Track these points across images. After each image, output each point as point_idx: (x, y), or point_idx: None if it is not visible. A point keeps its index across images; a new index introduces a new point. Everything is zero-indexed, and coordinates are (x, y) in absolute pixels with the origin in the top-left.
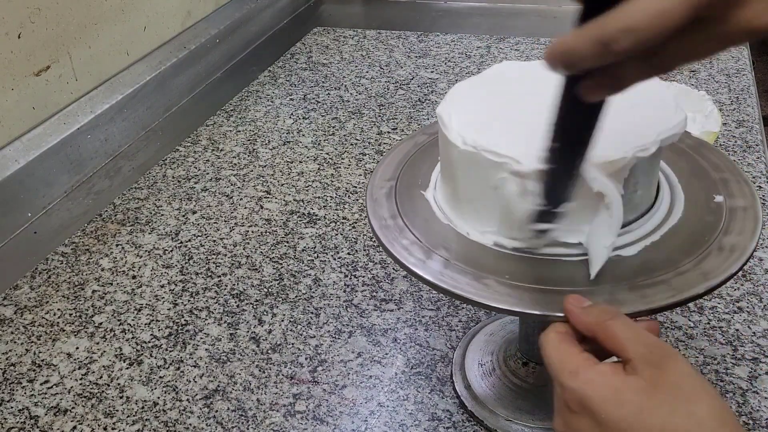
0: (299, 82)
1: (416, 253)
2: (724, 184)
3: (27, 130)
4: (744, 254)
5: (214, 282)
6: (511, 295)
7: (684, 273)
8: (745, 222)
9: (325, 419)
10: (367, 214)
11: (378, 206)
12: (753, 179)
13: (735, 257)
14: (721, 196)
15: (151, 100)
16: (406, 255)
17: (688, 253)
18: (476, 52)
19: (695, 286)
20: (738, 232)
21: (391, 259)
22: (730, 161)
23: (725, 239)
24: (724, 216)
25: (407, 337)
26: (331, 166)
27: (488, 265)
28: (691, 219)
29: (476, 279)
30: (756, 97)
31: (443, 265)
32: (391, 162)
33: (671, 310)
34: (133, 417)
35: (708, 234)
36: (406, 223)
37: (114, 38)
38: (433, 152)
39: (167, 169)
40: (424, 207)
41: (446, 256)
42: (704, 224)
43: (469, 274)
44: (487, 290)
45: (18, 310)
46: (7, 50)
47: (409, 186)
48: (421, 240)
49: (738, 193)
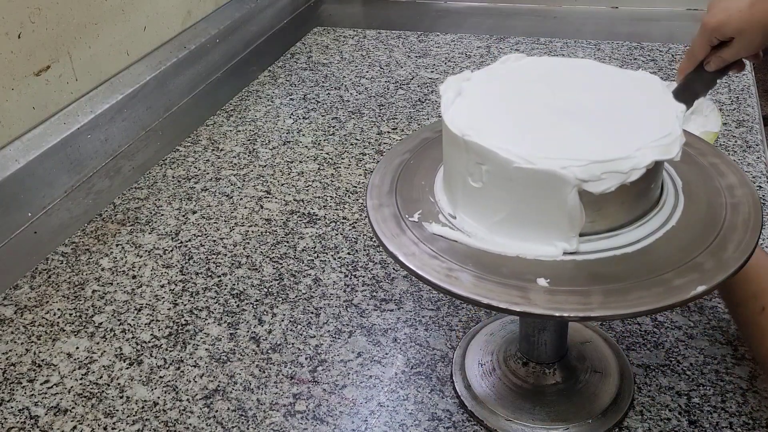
0: (299, 82)
1: (400, 237)
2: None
3: (27, 130)
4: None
5: (214, 282)
6: (478, 287)
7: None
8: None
9: (325, 419)
10: (367, 213)
11: (377, 189)
12: (753, 179)
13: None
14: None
15: (151, 100)
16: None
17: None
18: (476, 52)
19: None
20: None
21: (391, 258)
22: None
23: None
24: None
25: (407, 337)
26: (331, 166)
27: (489, 264)
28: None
29: (477, 278)
30: (756, 97)
31: (422, 250)
32: (391, 161)
33: (671, 310)
34: (133, 417)
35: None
36: (399, 208)
37: (114, 38)
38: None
39: (167, 169)
40: (423, 193)
41: (428, 243)
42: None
43: (469, 273)
44: (486, 290)
45: (18, 310)
46: (7, 50)
47: (409, 185)
48: (409, 225)
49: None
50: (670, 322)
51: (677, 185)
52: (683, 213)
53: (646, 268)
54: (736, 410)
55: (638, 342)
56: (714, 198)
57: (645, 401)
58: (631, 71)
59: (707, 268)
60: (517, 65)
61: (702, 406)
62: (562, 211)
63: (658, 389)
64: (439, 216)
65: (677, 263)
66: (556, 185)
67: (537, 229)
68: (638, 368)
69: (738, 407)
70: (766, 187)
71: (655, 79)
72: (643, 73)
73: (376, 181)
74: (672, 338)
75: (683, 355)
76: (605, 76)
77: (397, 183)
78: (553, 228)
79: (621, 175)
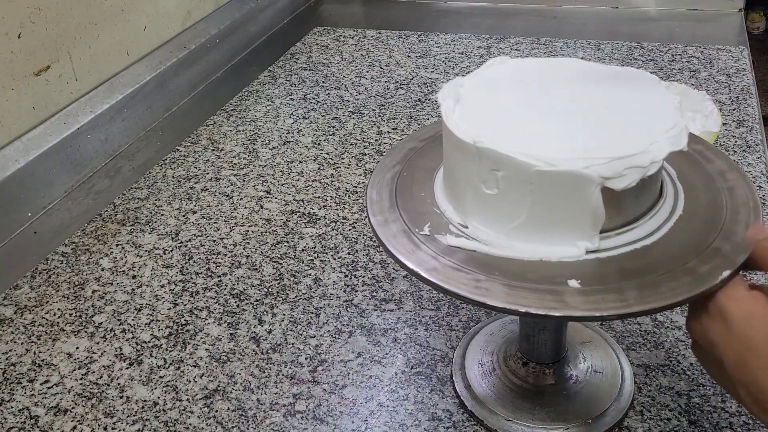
0: (299, 82)
1: (416, 252)
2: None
3: (27, 130)
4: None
5: (214, 282)
6: (511, 295)
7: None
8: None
9: (325, 419)
10: (367, 213)
11: (378, 205)
12: (753, 179)
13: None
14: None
15: (151, 100)
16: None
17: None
18: (476, 52)
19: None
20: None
21: (391, 258)
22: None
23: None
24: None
25: (407, 336)
26: (331, 166)
27: (515, 271)
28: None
29: (477, 278)
30: (756, 97)
31: (444, 264)
32: (383, 175)
33: (671, 310)
34: (133, 417)
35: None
36: (406, 223)
37: (114, 38)
38: (435, 150)
39: (167, 169)
40: (425, 205)
41: (447, 255)
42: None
43: (498, 282)
44: (520, 297)
45: (18, 310)
46: (7, 50)
47: (409, 197)
48: (421, 239)
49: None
50: (670, 322)
51: (671, 174)
52: (686, 201)
53: (669, 258)
54: (736, 410)
55: (638, 342)
56: (710, 184)
57: (645, 401)
58: (618, 67)
59: (726, 252)
60: (504, 68)
61: (702, 406)
62: (584, 210)
63: (658, 389)
64: (450, 227)
65: (697, 251)
66: (579, 185)
67: (558, 231)
68: (638, 368)
69: (738, 407)
70: (766, 187)
71: (643, 73)
72: (629, 68)
73: (374, 197)
74: (672, 338)
75: (683, 355)
76: (594, 73)
77: (396, 197)
78: (574, 228)
79: (641, 169)
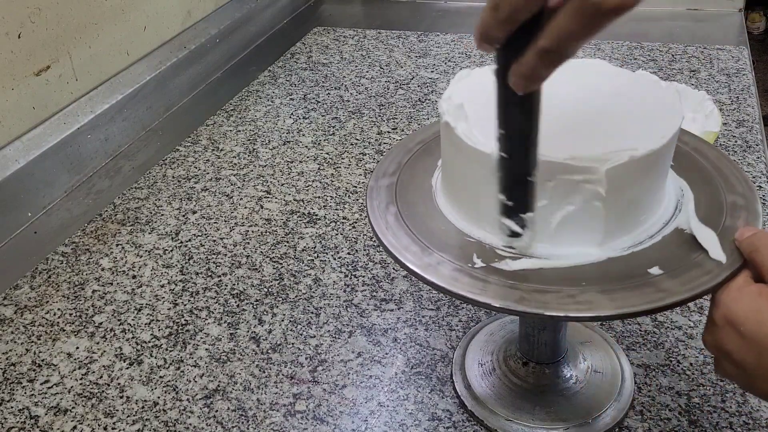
0: (299, 82)
1: (417, 253)
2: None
3: (27, 130)
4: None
5: (214, 282)
6: (511, 295)
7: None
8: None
9: (325, 419)
10: (367, 213)
11: (427, 265)
12: (753, 179)
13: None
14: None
15: (151, 100)
16: (406, 254)
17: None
18: (476, 52)
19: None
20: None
21: (392, 258)
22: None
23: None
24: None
25: (407, 336)
26: (331, 166)
27: (595, 277)
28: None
29: (476, 278)
30: (756, 97)
31: (444, 264)
32: (392, 160)
33: (671, 310)
34: (133, 417)
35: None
36: (406, 223)
37: (114, 38)
38: (435, 151)
39: (167, 169)
40: (425, 206)
41: (446, 255)
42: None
43: (469, 273)
44: (487, 290)
45: (18, 309)
46: (7, 50)
47: (425, 229)
48: (421, 239)
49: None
50: (670, 322)
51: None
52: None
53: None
54: (736, 410)
55: (638, 342)
56: (705, 171)
57: (645, 401)
58: (618, 68)
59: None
60: (482, 78)
61: (702, 406)
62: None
63: (658, 389)
64: (497, 251)
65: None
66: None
67: (608, 228)
68: (638, 368)
69: (738, 407)
70: (766, 187)
71: (623, 70)
72: (599, 61)
73: (389, 237)
74: (672, 338)
75: (683, 355)
76: (581, 70)
77: (416, 235)
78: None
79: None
